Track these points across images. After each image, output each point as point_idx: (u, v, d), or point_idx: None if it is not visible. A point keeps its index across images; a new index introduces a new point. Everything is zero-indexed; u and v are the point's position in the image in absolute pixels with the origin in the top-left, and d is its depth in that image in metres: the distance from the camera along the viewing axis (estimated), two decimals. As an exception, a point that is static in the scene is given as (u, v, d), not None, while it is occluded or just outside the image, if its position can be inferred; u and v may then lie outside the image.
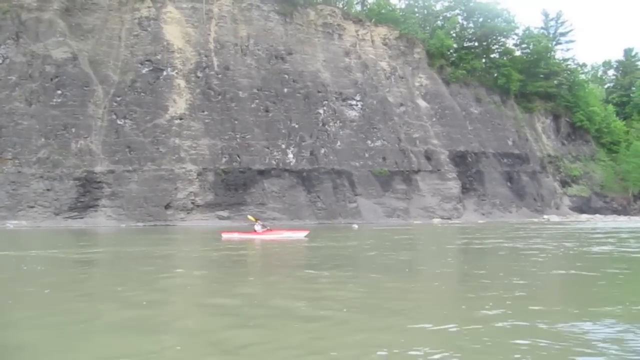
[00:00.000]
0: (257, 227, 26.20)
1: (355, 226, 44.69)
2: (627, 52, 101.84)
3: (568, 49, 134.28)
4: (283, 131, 55.61)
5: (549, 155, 78.89)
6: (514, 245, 19.90)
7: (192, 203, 49.67)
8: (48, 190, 46.60)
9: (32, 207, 45.72)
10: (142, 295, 8.68)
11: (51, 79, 50.12)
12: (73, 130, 49.12)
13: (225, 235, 26.22)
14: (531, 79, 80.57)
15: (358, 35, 68.07)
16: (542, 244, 20.41)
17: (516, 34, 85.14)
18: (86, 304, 8.19)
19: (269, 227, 27.21)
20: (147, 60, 53.78)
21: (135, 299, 8.22)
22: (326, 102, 59.87)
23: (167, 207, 48.67)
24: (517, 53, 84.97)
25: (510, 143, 73.85)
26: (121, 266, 14.21)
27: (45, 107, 49.23)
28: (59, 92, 49.94)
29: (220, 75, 55.77)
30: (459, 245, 22.06)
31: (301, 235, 26.07)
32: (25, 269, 13.05)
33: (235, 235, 26.56)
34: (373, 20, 72.20)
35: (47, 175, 47.00)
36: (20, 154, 47.22)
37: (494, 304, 7.53)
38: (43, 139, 48.20)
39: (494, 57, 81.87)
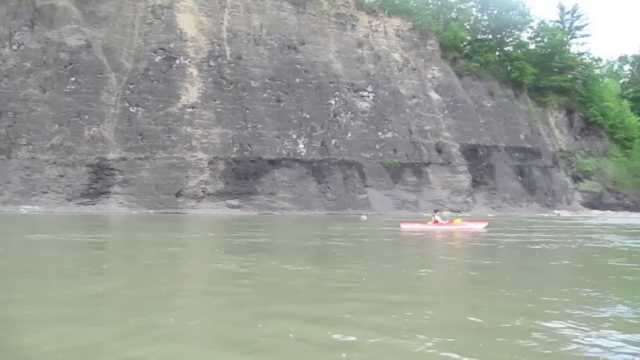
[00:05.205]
0: (438, 218, 26.07)
1: (364, 217, 44.78)
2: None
3: (583, 43, 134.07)
4: (294, 121, 55.68)
5: (562, 150, 78.33)
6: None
7: (203, 191, 49.98)
8: (61, 176, 47.11)
9: (45, 192, 46.26)
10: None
11: (65, 66, 50.45)
12: (86, 117, 49.52)
13: (404, 226, 25.86)
14: (545, 73, 79.85)
15: (371, 26, 67.77)
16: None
17: (531, 27, 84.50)
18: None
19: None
20: (160, 49, 53.94)
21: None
22: (338, 93, 59.81)
23: (178, 195, 49.01)
24: (532, 46, 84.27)
25: (522, 137, 73.43)
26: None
27: (59, 94, 49.62)
28: (73, 79, 50.29)
29: (232, 65, 55.85)
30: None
31: (481, 226, 26.23)
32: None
33: (417, 226, 26.21)
34: (387, 11, 71.75)
35: (60, 161, 47.50)
36: (34, 140, 47.70)
37: None
38: (57, 126, 48.65)
39: (508, 50, 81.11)
